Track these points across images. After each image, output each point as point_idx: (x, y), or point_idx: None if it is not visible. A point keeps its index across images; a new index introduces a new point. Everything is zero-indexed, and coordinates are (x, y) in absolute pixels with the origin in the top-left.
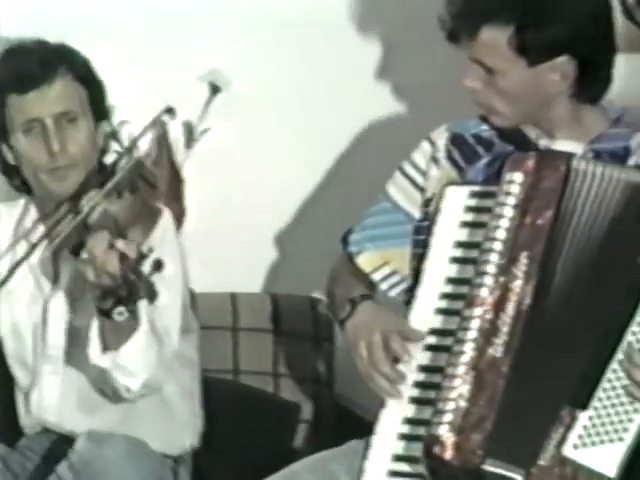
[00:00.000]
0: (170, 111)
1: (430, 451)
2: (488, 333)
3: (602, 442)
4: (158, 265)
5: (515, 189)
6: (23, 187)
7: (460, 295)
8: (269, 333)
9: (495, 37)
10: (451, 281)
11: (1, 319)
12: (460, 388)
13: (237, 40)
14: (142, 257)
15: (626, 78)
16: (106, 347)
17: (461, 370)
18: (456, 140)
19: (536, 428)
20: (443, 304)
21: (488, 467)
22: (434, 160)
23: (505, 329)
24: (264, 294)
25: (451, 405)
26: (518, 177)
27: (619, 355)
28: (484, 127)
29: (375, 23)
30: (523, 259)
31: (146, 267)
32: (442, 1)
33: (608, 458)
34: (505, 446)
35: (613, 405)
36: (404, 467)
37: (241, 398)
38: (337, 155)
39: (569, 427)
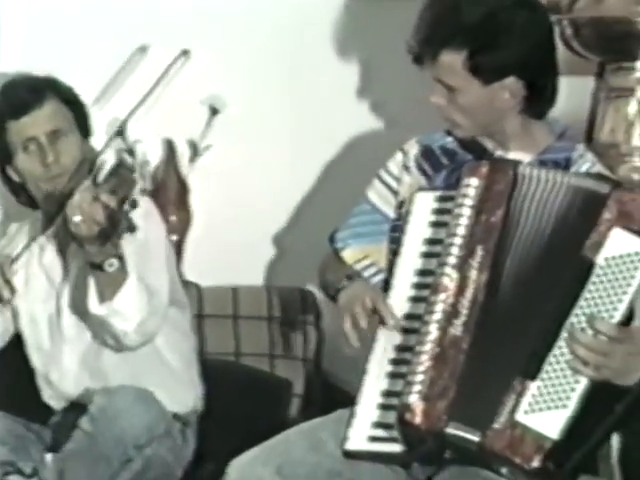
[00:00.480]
0: (185, 53)
1: (402, 417)
2: (450, 315)
3: (548, 408)
4: (134, 203)
5: (471, 192)
6: (29, 202)
7: (427, 284)
8: (265, 320)
9: (452, 60)
10: (420, 273)
11: (21, 315)
12: (427, 362)
13: (232, 69)
14: (122, 201)
15: (568, 99)
16: (102, 299)
17: (428, 347)
18: (425, 152)
19: (492, 396)
20: (413, 292)
21: (451, 430)
22: (406, 168)
23: (464, 312)
24: (260, 287)
25: (419, 377)
26: (474, 181)
27: (564, 334)
28: (449, 139)
29: (355, 48)
30: (479, 252)
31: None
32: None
33: (553, 422)
34: (465, 412)
35: (558, 377)
36: (382, 433)
37: (242, 376)
38: (322, 165)
39: (520, 395)
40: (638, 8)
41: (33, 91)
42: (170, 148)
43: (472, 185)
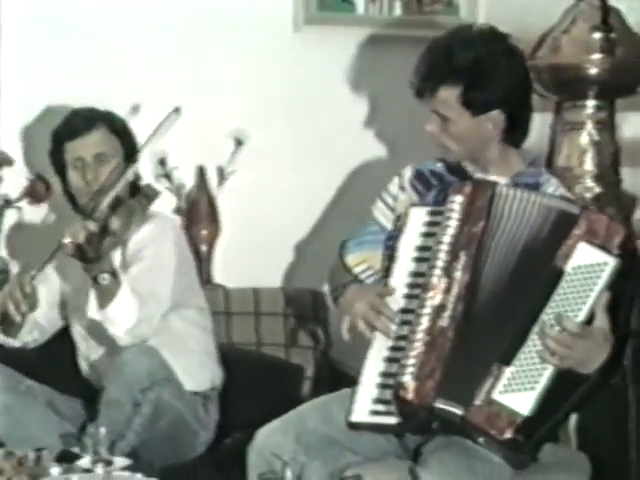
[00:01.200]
0: (177, 110)
1: (397, 394)
2: (438, 309)
3: (519, 390)
4: (110, 232)
5: (457, 207)
6: (80, 211)
7: (418, 284)
8: (282, 316)
9: (448, 94)
10: (412, 274)
11: (70, 307)
12: (418, 348)
13: (254, 106)
14: (103, 230)
15: (531, 131)
16: (100, 307)
17: (419, 336)
18: (418, 175)
19: (473, 377)
20: (407, 291)
21: (438, 404)
22: (401, 188)
23: (450, 306)
24: (277, 288)
25: (412, 361)
26: (459, 198)
27: (536, 329)
28: (438, 164)
29: (363, 86)
30: (462, 256)
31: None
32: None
33: (524, 401)
34: (450, 390)
35: (529, 364)
36: (381, 407)
37: (262, 363)
38: (330, 188)
39: (497, 378)
40: (588, 57)
41: (86, 119)
42: (202, 173)
43: (457, 201)
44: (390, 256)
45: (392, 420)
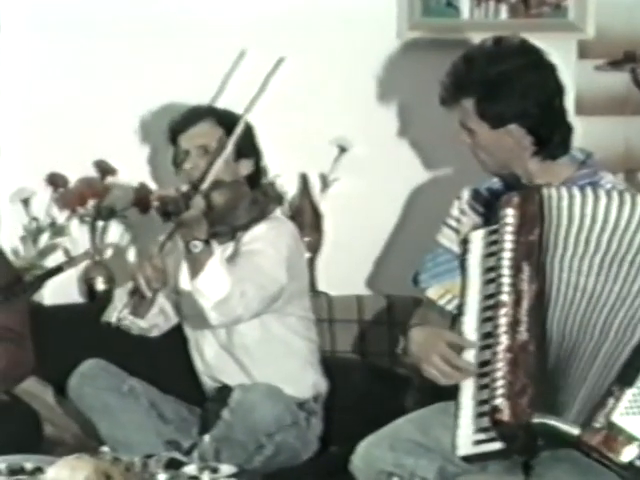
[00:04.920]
0: (281, 60)
1: (494, 418)
2: (514, 325)
3: None
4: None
5: (509, 220)
6: None
7: (490, 306)
8: (385, 324)
9: (467, 105)
10: (484, 298)
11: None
12: (503, 368)
13: (357, 113)
14: (186, 197)
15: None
16: (191, 277)
17: (501, 355)
18: (475, 195)
19: (581, 394)
20: (482, 315)
21: (536, 419)
22: (462, 212)
23: (525, 319)
24: (381, 296)
25: (500, 382)
26: (510, 211)
27: None
28: (494, 180)
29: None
30: (525, 267)
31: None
32: None
33: None
34: (548, 404)
35: None
36: (482, 435)
37: (367, 371)
38: (433, 195)
39: (618, 399)
40: None
41: (194, 112)
42: (304, 181)
43: (509, 214)
44: (461, 285)
45: (496, 445)
